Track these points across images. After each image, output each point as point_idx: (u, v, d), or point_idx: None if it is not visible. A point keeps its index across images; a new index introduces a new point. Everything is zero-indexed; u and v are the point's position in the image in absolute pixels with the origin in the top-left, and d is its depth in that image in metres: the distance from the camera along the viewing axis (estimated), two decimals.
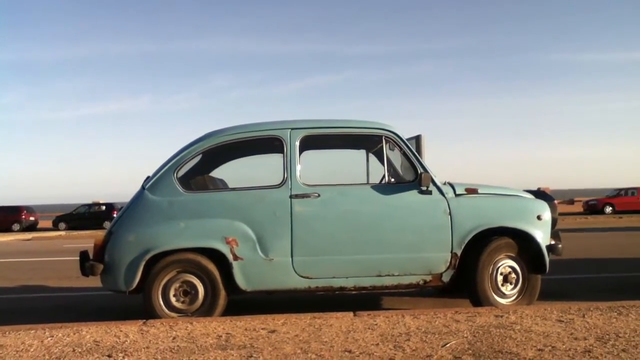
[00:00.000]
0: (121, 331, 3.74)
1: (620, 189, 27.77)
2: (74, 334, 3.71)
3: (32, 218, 28.82)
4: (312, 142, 4.65)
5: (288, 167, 4.36)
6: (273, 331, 3.60)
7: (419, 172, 4.37)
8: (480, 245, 4.37)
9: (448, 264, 4.33)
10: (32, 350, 3.32)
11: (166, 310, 4.23)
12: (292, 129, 4.44)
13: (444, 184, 4.48)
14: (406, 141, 4.50)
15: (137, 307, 4.53)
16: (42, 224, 30.22)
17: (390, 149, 4.56)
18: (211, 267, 4.24)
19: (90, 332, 3.73)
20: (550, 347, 3.01)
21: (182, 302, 4.26)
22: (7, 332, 3.81)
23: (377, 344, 3.20)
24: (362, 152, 5.26)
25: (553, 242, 4.49)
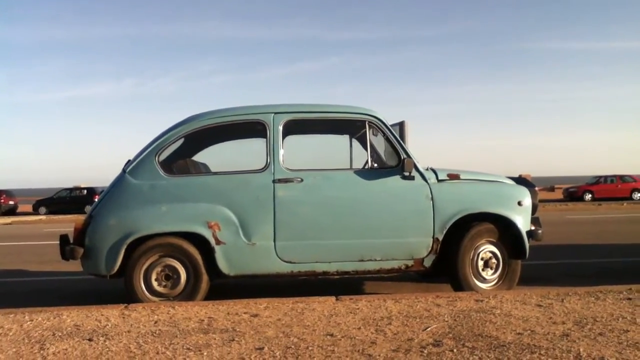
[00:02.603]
0: (102, 315, 3.72)
1: (600, 177, 28.12)
2: (54, 318, 3.68)
3: (11, 202, 28.40)
4: (295, 127, 4.63)
5: (271, 151, 4.34)
6: (255, 315, 3.61)
7: (402, 157, 4.38)
8: (461, 230, 4.40)
9: (430, 249, 4.36)
10: (11, 334, 3.29)
11: (148, 295, 4.21)
12: (276, 113, 4.41)
13: (427, 169, 4.49)
14: (389, 127, 4.50)
15: (119, 291, 4.51)
16: (21, 208, 29.80)
17: (373, 134, 4.56)
18: (193, 251, 4.22)
19: (71, 316, 3.70)
20: (529, 331, 3.06)
21: (164, 287, 4.24)
22: None
23: (359, 328, 3.22)
24: (346, 137, 5.25)
25: (533, 228, 4.54)
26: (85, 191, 27.67)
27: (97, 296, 4.99)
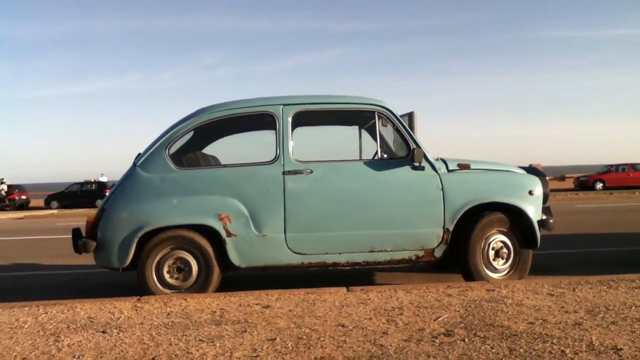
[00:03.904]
0: (115, 308, 3.75)
1: (611, 165, 27.89)
2: (68, 310, 3.72)
3: (23, 197, 28.65)
4: (304, 118, 4.63)
5: (280, 143, 4.34)
6: (267, 306, 3.62)
7: (412, 148, 4.37)
8: (472, 220, 4.39)
9: (440, 239, 4.36)
10: (26, 326, 3.33)
11: (160, 287, 4.24)
12: (285, 104, 4.41)
13: (437, 159, 4.48)
14: (399, 117, 4.49)
15: (131, 284, 4.55)
16: (33, 202, 30.07)
17: (383, 125, 4.55)
18: (204, 243, 4.24)
19: (85, 309, 3.74)
20: (541, 320, 3.05)
21: (176, 279, 4.27)
22: (1, 309, 3.82)
23: (370, 318, 3.23)
24: (355, 128, 5.24)
25: (544, 217, 4.52)
26: (96, 185, 27.87)
27: (110, 289, 5.03)
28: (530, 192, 4.44)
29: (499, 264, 4.45)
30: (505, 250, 4.45)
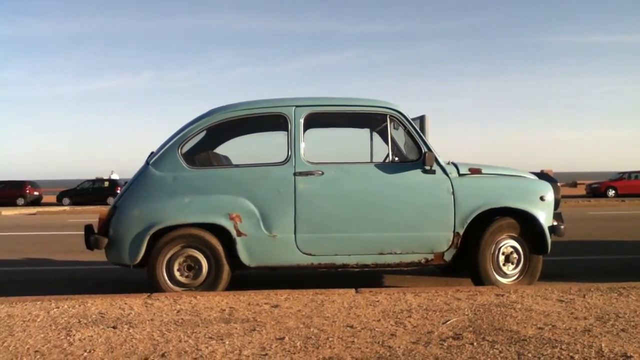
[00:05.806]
0: (126, 304, 3.79)
1: (624, 173, 27.65)
2: (80, 305, 3.76)
3: (36, 193, 28.88)
4: (316, 120, 4.65)
5: (292, 144, 4.36)
6: (276, 306, 3.64)
7: (423, 151, 4.37)
8: (482, 224, 4.38)
9: (450, 243, 4.35)
10: (38, 320, 3.37)
11: (170, 284, 4.28)
12: (297, 106, 4.43)
13: (448, 163, 4.48)
14: (411, 120, 4.49)
15: (142, 281, 4.58)
16: (45, 199, 30.32)
17: (394, 128, 4.55)
18: (215, 242, 4.27)
19: (96, 304, 3.78)
20: (550, 326, 3.05)
21: (186, 277, 4.30)
22: (14, 303, 3.87)
23: (379, 320, 3.24)
24: (366, 130, 5.25)
25: (555, 223, 4.50)
26: (108, 183, 28.04)
27: (121, 285, 5.07)
28: (542, 198, 4.43)
29: (508, 269, 4.44)
30: (515, 255, 4.44)
